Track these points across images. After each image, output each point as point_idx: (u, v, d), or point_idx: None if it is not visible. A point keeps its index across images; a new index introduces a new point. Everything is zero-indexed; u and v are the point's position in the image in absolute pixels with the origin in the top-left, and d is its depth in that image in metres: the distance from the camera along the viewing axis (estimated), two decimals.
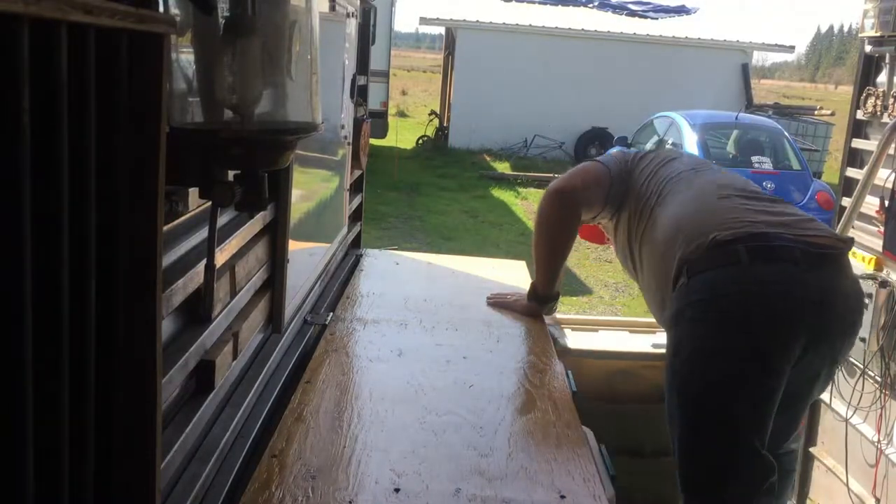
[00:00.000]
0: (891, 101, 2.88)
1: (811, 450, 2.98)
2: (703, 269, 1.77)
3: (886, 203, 2.70)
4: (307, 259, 2.03)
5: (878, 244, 2.75)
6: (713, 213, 1.87)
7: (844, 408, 2.82)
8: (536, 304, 2.27)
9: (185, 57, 1.07)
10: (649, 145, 9.38)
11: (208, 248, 1.22)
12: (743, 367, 1.73)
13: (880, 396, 2.68)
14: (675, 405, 1.82)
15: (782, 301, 1.74)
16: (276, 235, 1.68)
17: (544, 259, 2.25)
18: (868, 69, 3.04)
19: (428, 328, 2.10)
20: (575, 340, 2.60)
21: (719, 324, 1.76)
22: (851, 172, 3.08)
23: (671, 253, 1.86)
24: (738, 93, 14.01)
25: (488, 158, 13.65)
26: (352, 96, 2.42)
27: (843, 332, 1.84)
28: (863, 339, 2.72)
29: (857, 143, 3.08)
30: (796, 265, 1.73)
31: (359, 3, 2.48)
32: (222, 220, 1.36)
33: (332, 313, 2.13)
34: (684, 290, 1.80)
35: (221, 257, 1.32)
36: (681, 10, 16.90)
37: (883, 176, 2.74)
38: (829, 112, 13.35)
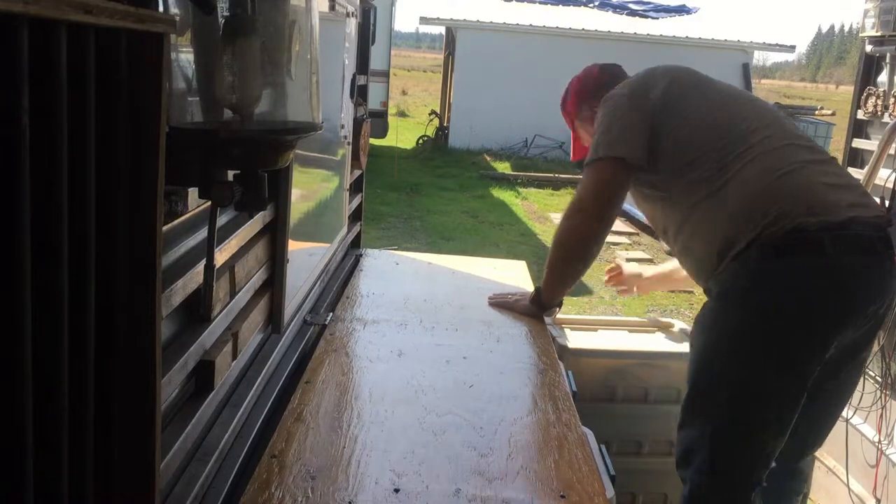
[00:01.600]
0: (891, 100, 2.88)
1: None
2: (783, 252, 1.69)
3: (887, 203, 2.70)
4: (307, 259, 2.03)
5: None
6: (791, 189, 1.75)
7: (845, 408, 2.82)
8: (537, 309, 2.26)
9: (185, 57, 1.07)
10: None
11: (208, 248, 1.22)
12: (800, 356, 1.70)
13: (881, 396, 2.68)
14: (711, 375, 1.77)
15: (858, 295, 1.72)
16: (275, 235, 1.68)
17: (559, 276, 2.19)
18: (869, 69, 3.04)
19: (428, 328, 2.10)
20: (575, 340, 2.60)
21: (791, 314, 1.70)
22: (852, 172, 3.08)
23: (740, 226, 1.74)
24: None
25: (488, 158, 13.65)
26: (352, 96, 2.42)
27: (875, 324, 1.82)
28: None
29: (858, 143, 3.08)
30: (874, 254, 1.71)
31: (359, 2, 2.48)
32: (222, 220, 1.36)
33: (331, 313, 2.13)
34: (753, 269, 1.71)
35: (221, 257, 1.32)
36: (681, 10, 16.89)
37: (883, 176, 2.74)
38: (829, 112, 13.36)
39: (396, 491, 1.28)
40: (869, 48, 3.02)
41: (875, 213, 1.76)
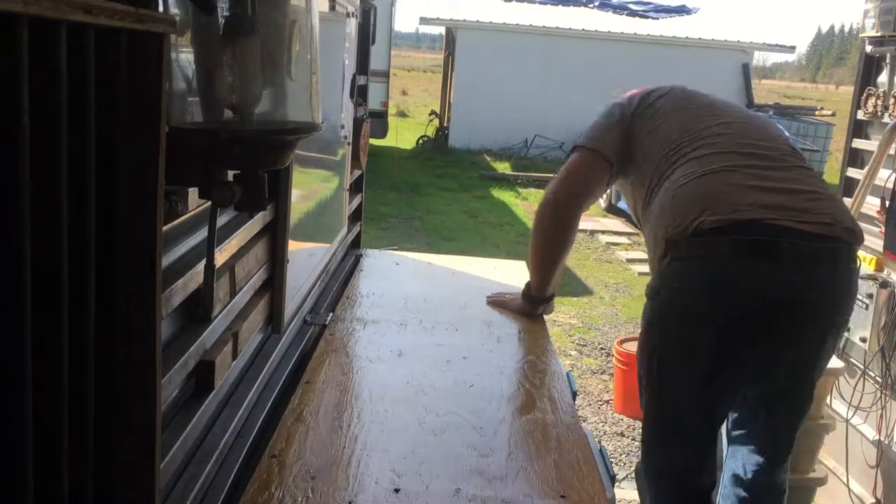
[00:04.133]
0: (891, 101, 2.88)
1: None
2: (684, 255, 1.72)
3: (887, 203, 2.70)
4: (307, 259, 2.03)
5: (878, 244, 2.75)
6: (705, 190, 1.75)
7: (845, 408, 2.82)
8: (529, 305, 2.27)
9: (185, 57, 1.07)
10: None
11: (208, 248, 1.22)
12: (694, 364, 1.76)
13: (881, 397, 2.68)
14: (643, 366, 1.86)
15: (752, 305, 1.68)
16: (276, 235, 1.68)
17: (538, 264, 2.24)
18: (869, 69, 3.04)
19: (428, 328, 2.10)
20: None
21: (684, 320, 1.75)
22: (852, 172, 3.08)
23: (661, 227, 1.80)
24: (738, 93, 14.00)
25: (488, 158, 13.64)
26: (352, 96, 2.42)
27: (821, 329, 1.77)
28: (863, 340, 2.72)
29: (858, 144, 3.08)
30: (779, 262, 1.64)
31: (359, 3, 2.48)
32: (222, 220, 1.36)
33: (331, 313, 2.13)
34: (666, 270, 1.77)
35: (221, 257, 1.32)
36: (681, 10, 16.88)
37: (883, 176, 2.74)
38: (829, 112, 13.34)
39: (396, 491, 1.28)
40: (869, 48, 3.02)
41: (814, 221, 1.66)
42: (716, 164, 1.79)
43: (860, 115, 3.05)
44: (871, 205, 2.81)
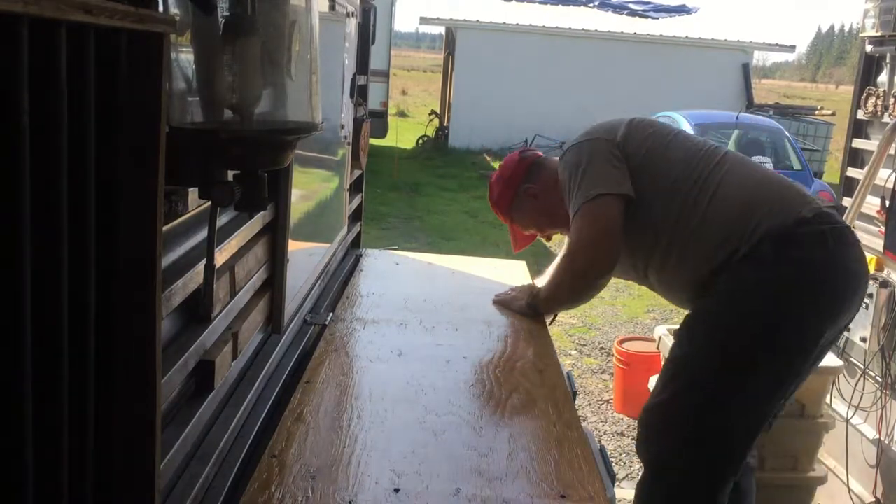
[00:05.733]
0: (891, 100, 2.88)
1: None
2: (796, 245, 1.79)
3: (887, 203, 2.70)
4: (307, 259, 2.03)
5: (878, 244, 2.75)
6: (772, 188, 1.91)
7: (845, 408, 2.82)
8: (527, 297, 2.25)
9: (185, 57, 1.07)
10: None
11: (208, 248, 1.22)
12: (805, 346, 1.83)
13: (881, 396, 2.68)
14: (716, 363, 1.84)
15: (857, 286, 1.85)
16: (276, 235, 1.68)
17: (556, 303, 2.20)
18: (869, 69, 3.04)
19: (428, 328, 2.10)
20: None
21: (808, 302, 1.81)
22: (852, 172, 3.08)
23: (738, 228, 1.82)
24: (738, 92, 14.01)
25: (488, 158, 13.64)
26: (352, 96, 2.42)
27: None
28: (863, 339, 2.72)
29: (858, 143, 3.08)
30: (855, 246, 1.84)
31: (359, 2, 2.48)
32: (222, 220, 1.36)
33: (332, 313, 2.13)
34: (767, 261, 1.79)
35: (221, 257, 1.32)
36: (681, 10, 16.89)
37: (883, 176, 2.74)
38: (829, 112, 13.35)
39: (396, 491, 1.28)
40: (869, 48, 3.02)
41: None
42: (753, 169, 1.98)
43: (860, 114, 3.05)
44: (871, 205, 2.81)
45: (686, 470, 1.87)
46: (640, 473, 2.02)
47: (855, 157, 3.11)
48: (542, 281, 2.33)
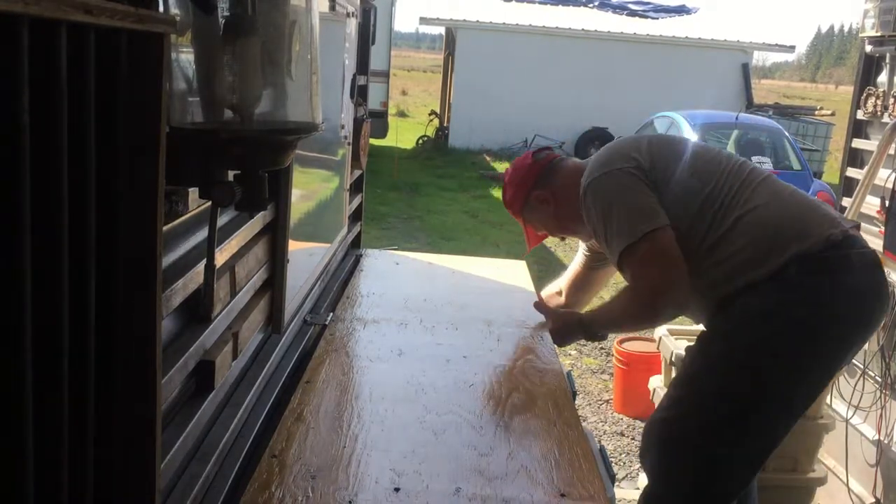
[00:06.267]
0: (891, 101, 2.88)
1: None
2: (821, 269, 1.75)
3: (887, 203, 2.70)
4: (307, 259, 2.03)
5: (878, 244, 2.74)
6: (802, 211, 1.86)
7: (844, 408, 2.82)
8: (580, 329, 2.12)
9: (185, 57, 1.07)
10: None
11: (208, 248, 1.22)
12: (824, 374, 1.84)
13: (880, 396, 2.68)
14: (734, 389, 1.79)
15: (880, 311, 1.83)
16: (276, 235, 1.68)
17: (615, 326, 2.16)
18: (868, 69, 3.04)
19: (428, 328, 2.10)
20: None
21: (828, 331, 1.77)
22: (852, 172, 3.08)
23: (763, 250, 1.78)
24: (738, 93, 14.00)
25: (488, 158, 13.64)
26: (352, 96, 2.42)
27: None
28: None
29: (858, 143, 3.08)
30: (879, 270, 1.81)
31: (359, 3, 2.48)
32: (222, 220, 1.36)
33: (332, 313, 2.13)
34: (791, 285, 1.75)
35: (221, 257, 1.32)
36: (681, 10, 16.88)
37: (883, 176, 2.74)
38: (829, 112, 13.35)
39: (397, 490, 1.28)
40: (869, 48, 3.02)
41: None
42: (780, 187, 1.92)
43: (860, 114, 3.05)
44: (871, 205, 2.81)
45: (675, 494, 1.84)
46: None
47: (854, 158, 3.11)
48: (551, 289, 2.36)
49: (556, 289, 2.41)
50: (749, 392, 1.77)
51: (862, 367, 2.76)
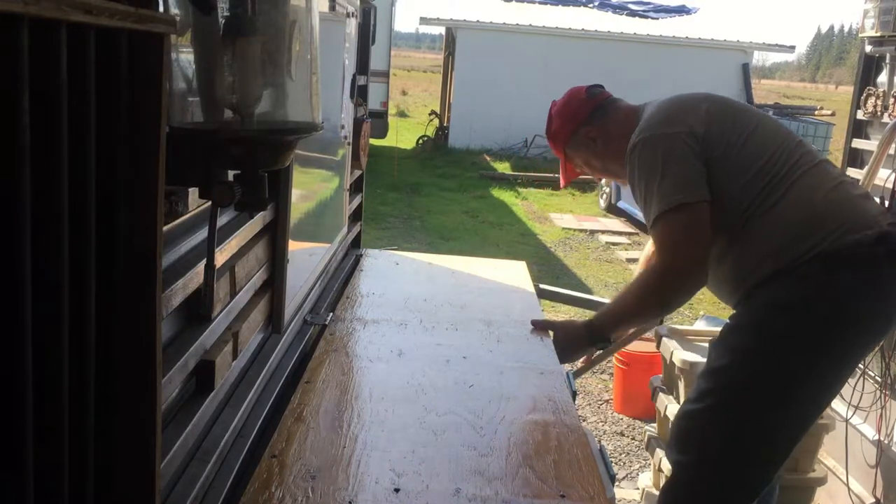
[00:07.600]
0: (891, 101, 2.88)
1: None
2: (846, 266, 1.74)
3: (887, 203, 2.70)
4: (307, 259, 2.03)
5: None
6: (843, 203, 1.81)
7: (844, 408, 2.82)
8: (587, 334, 2.07)
9: (185, 57, 1.07)
10: None
11: (208, 248, 1.22)
12: (842, 373, 1.83)
13: (880, 396, 2.68)
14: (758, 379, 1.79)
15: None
16: (276, 235, 1.68)
17: (630, 320, 2.11)
18: (868, 69, 3.04)
19: (428, 328, 2.10)
20: None
21: (849, 327, 1.77)
22: (852, 172, 3.08)
23: (797, 239, 1.77)
24: (738, 93, 14.01)
25: (488, 158, 13.65)
26: (352, 96, 2.42)
27: None
28: None
29: (858, 143, 3.08)
30: None
31: (359, 3, 2.48)
32: (222, 220, 1.36)
33: (332, 313, 2.13)
34: (820, 281, 1.75)
35: (221, 257, 1.32)
36: (681, 10, 16.88)
37: (883, 176, 2.74)
38: (829, 112, 13.35)
39: (396, 490, 1.28)
40: (868, 48, 3.02)
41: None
42: (828, 179, 1.86)
43: (860, 114, 3.05)
44: None
45: (700, 486, 1.86)
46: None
47: (855, 157, 3.11)
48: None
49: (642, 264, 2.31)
50: (775, 386, 1.77)
51: (861, 367, 2.76)
